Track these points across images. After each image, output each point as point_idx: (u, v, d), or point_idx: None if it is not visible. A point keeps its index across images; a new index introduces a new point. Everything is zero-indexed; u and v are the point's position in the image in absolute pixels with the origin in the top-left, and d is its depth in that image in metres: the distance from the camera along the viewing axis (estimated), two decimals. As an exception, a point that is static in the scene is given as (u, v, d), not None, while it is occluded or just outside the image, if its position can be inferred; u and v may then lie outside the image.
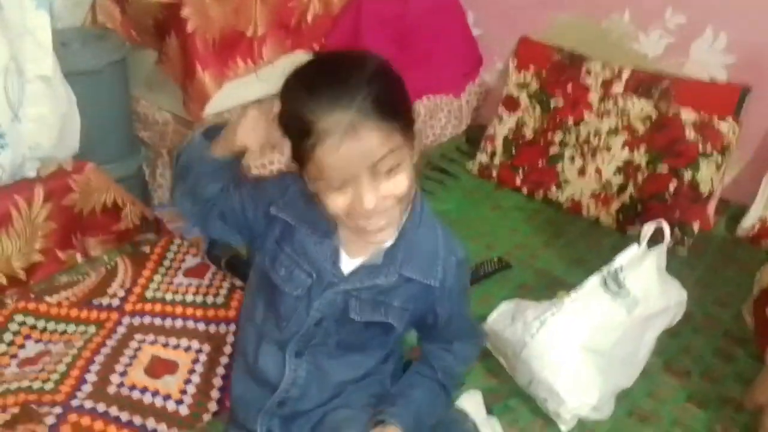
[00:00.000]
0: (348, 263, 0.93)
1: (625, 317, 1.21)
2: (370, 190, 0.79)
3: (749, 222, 1.73)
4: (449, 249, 0.96)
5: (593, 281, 1.21)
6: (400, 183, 0.81)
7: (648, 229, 1.25)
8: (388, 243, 0.91)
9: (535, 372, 1.19)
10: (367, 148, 0.77)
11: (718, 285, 1.61)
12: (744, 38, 1.80)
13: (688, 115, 1.79)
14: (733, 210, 1.87)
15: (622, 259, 1.22)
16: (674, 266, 1.42)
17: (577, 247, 1.76)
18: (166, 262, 1.47)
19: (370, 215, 0.81)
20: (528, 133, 2.01)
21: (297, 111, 0.79)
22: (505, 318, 1.27)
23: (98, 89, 1.77)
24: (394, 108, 0.80)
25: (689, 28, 1.87)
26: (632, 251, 1.23)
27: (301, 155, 0.80)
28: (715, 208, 1.81)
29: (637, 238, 1.75)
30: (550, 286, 1.58)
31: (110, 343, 1.26)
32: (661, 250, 1.28)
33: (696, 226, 1.74)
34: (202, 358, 1.25)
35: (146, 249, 1.51)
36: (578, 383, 1.16)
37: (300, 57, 2.00)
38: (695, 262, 1.69)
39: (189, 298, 1.37)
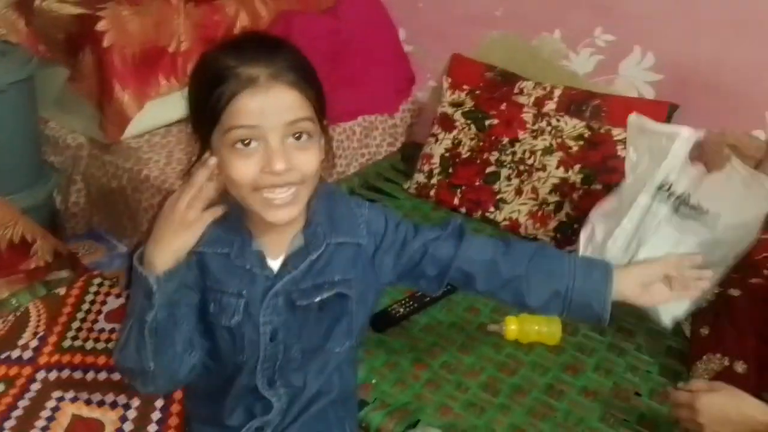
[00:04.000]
0: (275, 264, 0.90)
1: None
2: (281, 152, 0.79)
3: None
4: (359, 207, 0.97)
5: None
6: (309, 160, 0.82)
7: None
8: (299, 225, 0.90)
9: None
10: (285, 104, 0.79)
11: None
12: (670, 57, 1.85)
13: (619, 133, 1.82)
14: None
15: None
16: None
17: (518, 266, 1.75)
18: (85, 306, 1.33)
19: (279, 182, 0.80)
20: (464, 152, 1.99)
21: (218, 60, 0.80)
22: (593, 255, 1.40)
23: (1, 111, 1.60)
24: (311, 81, 0.82)
25: (618, 46, 1.92)
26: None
27: (211, 113, 0.78)
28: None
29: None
30: (497, 309, 1.55)
31: (22, 403, 1.11)
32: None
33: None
34: (131, 414, 1.12)
35: (61, 291, 1.36)
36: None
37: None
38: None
39: (112, 345, 1.24)
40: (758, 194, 1.28)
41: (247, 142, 0.78)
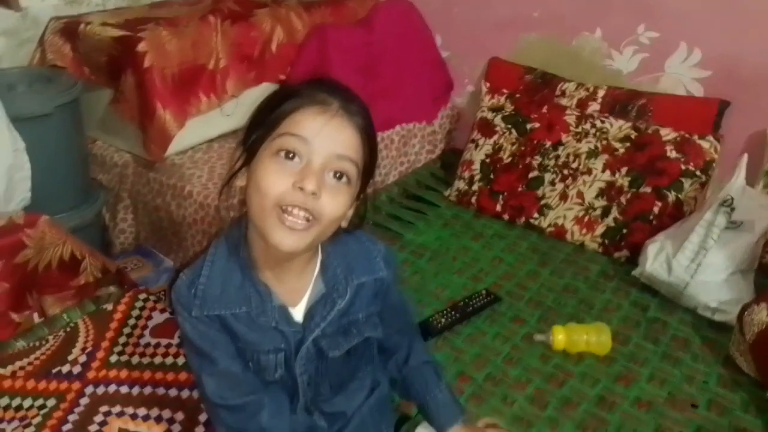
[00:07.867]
0: (297, 313, 0.88)
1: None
2: (319, 176, 0.77)
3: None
4: (373, 243, 0.96)
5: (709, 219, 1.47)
6: (337, 205, 0.79)
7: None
8: (313, 270, 0.89)
9: (699, 301, 1.49)
10: (343, 137, 0.79)
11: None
12: (718, 52, 1.78)
13: (667, 133, 1.76)
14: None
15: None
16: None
17: (564, 274, 1.70)
18: (131, 321, 1.35)
19: (301, 203, 0.77)
20: (505, 157, 1.95)
21: (293, 86, 0.82)
22: (661, 265, 1.53)
23: (49, 134, 1.65)
24: (373, 139, 0.83)
25: (663, 43, 1.85)
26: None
27: (272, 118, 0.79)
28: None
29: (624, 262, 1.71)
30: (543, 318, 1.52)
31: (72, 418, 1.13)
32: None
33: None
34: (176, 428, 1.13)
35: (108, 307, 1.39)
36: (733, 300, 1.45)
37: (267, 88, 1.92)
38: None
39: (158, 360, 1.26)
40: None
41: (291, 155, 0.77)
